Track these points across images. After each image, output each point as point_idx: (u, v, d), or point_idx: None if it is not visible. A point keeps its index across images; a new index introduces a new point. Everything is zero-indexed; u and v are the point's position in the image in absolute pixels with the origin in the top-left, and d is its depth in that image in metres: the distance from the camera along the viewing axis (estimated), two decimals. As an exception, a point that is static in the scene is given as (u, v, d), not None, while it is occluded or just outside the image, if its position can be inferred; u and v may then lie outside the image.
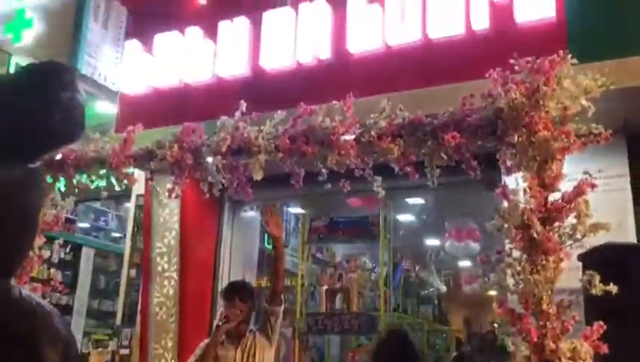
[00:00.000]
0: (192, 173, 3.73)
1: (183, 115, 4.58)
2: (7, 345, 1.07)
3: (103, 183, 5.49)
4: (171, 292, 5.09)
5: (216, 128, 3.42)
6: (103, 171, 3.83)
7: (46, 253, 4.02)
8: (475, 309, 9.11)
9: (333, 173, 3.68)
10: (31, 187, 1.22)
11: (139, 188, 5.59)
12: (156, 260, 5.14)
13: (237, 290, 3.62)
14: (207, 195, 3.97)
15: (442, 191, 5.20)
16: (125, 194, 6.16)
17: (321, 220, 5.68)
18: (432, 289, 8.67)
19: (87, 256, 8.49)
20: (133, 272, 5.75)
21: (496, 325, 6.77)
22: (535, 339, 2.32)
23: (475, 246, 7.16)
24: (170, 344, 4.98)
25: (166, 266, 5.14)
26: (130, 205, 6.02)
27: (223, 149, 3.34)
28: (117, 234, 8.91)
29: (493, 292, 8.15)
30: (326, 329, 5.11)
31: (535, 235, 2.50)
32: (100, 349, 5.60)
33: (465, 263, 9.10)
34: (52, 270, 8.13)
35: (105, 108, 5.96)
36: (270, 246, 7.19)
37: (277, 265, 3.56)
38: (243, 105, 3.35)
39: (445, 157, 2.84)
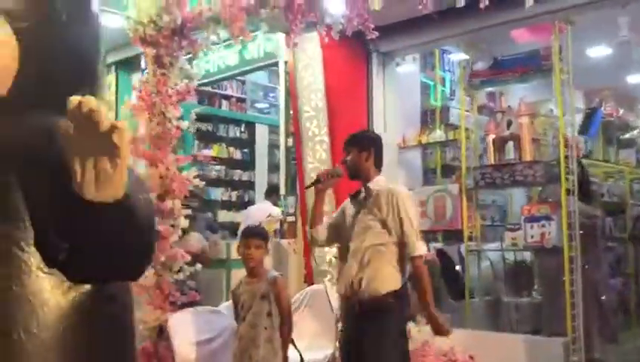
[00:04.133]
0: (305, 15, 3.32)
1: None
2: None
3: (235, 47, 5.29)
4: (324, 156, 4.87)
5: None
6: (219, 27, 3.58)
7: (184, 124, 3.98)
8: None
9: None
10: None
11: (285, 55, 5.34)
12: (305, 125, 4.92)
13: (346, 143, 3.05)
14: (327, 39, 3.57)
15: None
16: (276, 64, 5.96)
17: (483, 62, 4.94)
18: (636, 132, 7.46)
19: (261, 133, 8.66)
20: (290, 141, 5.63)
21: None
22: None
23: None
24: (328, 208, 4.82)
25: (316, 130, 4.91)
26: (280, 72, 5.81)
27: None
28: (289, 110, 8.90)
29: None
30: (495, 182, 4.53)
31: None
32: (269, 218, 5.67)
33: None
34: (231, 148, 8.50)
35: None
36: (438, 103, 6.62)
37: None
38: None
39: None
